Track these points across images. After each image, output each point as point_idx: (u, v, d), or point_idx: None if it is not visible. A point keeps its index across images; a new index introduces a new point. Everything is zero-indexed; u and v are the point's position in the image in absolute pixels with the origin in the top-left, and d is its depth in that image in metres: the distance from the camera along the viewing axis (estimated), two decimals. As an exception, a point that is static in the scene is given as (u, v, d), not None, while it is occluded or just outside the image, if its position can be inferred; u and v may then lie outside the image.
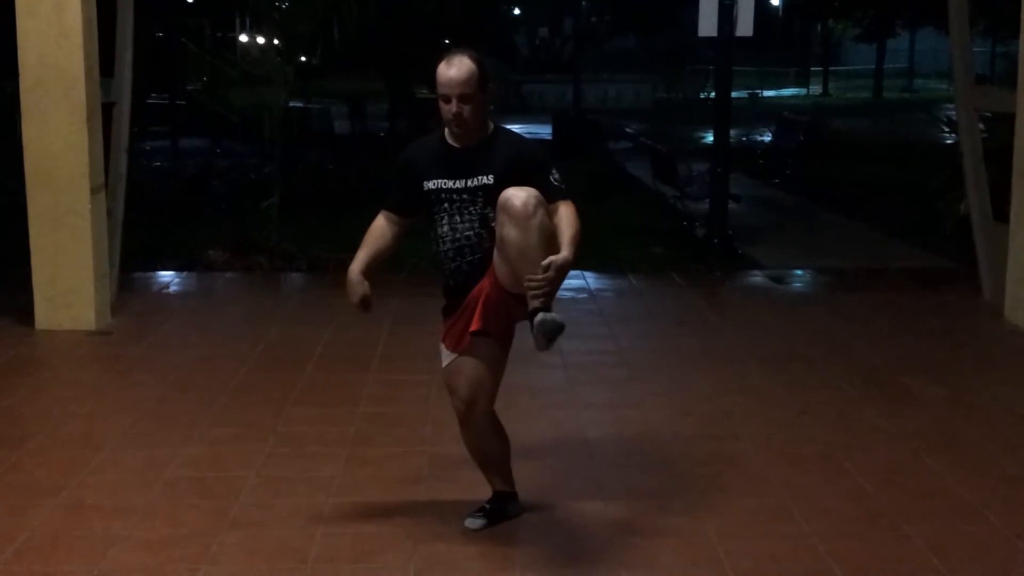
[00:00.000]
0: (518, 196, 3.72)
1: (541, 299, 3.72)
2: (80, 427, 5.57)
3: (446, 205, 4.06)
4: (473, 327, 4.03)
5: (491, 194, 3.94)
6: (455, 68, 3.93)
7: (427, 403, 5.83)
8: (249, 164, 18.54)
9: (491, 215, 3.95)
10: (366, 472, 4.94)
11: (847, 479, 4.89)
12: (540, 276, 3.68)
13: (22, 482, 4.82)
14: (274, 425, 5.55)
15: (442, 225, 4.07)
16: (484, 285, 4.01)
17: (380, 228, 4.24)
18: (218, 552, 4.15)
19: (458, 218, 4.04)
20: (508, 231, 3.73)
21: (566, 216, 3.88)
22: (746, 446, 5.32)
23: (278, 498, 4.64)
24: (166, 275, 9.48)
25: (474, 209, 4.02)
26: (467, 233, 4.04)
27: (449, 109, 3.96)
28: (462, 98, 3.94)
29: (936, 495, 4.73)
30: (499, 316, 4.02)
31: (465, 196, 4.03)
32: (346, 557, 4.12)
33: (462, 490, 4.62)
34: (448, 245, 4.07)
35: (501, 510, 4.41)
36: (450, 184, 4.05)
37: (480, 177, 4.01)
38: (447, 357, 4.17)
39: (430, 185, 4.08)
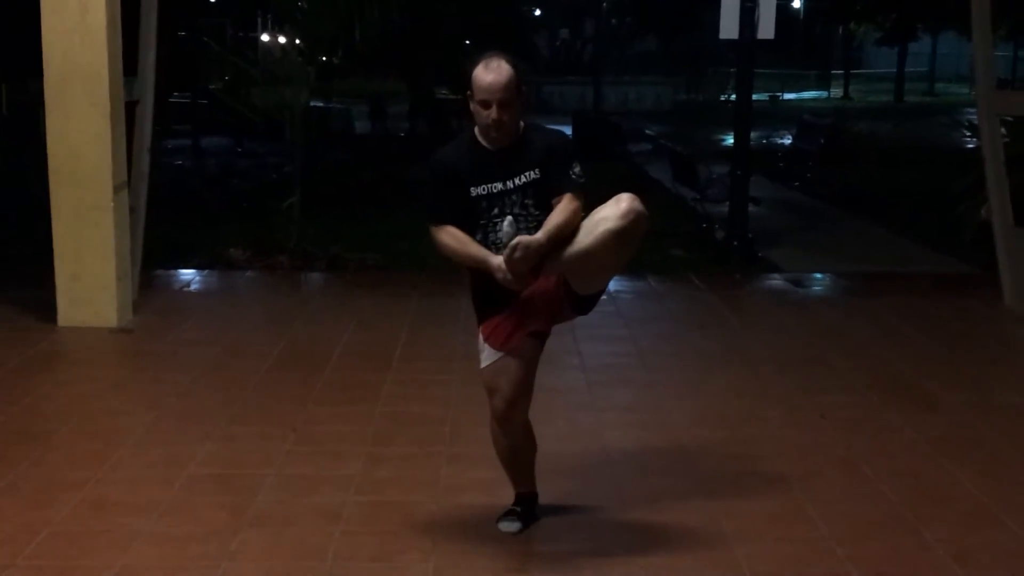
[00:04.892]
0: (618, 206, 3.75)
1: (504, 272, 3.81)
2: (101, 423, 5.61)
3: (496, 209, 4.00)
4: (541, 328, 4.06)
5: (539, 188, 3.97)
6: (494, 73, 3.87)
7: (447, 403, 5.84)
8: (270, 163, 18.64)
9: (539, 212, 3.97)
10: (386, 471, 4.96)
11: (866, 483, 4.88)
12: (507, 255, 3.76)
13: (44, 477, 4.86)
14: (294, 423, 5.57)
15: (495, 229, 4.00)
16: (545, 286, 3.96)
17: (460, 233, 4.01)
18: (238, 549, 4.17)
19: (511, 218, 4.00)
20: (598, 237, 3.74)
21: (563, 207, 3.89)
22: (765, 449, 5.32)
23: (298, 496, 4.66)
24: (187, 273, 9.53)
25: (527, 206, 3.99)
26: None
27: (489, 115, 3.90)
28: (502, 103, 3.88)
29: (956, 500, 4.72)
30: (554, 318, 4.09)
31: (515, 196, 4.00)
32: (365, 556, 4.14)
33: (481, 490, 4.65)
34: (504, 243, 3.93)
35: (531, 512, 4.41)
36: (499, 186, 3.99)
37: (527, 173, 3.99)
38: (491, 356, 4.08)
39: (478, 191, 4.00)
